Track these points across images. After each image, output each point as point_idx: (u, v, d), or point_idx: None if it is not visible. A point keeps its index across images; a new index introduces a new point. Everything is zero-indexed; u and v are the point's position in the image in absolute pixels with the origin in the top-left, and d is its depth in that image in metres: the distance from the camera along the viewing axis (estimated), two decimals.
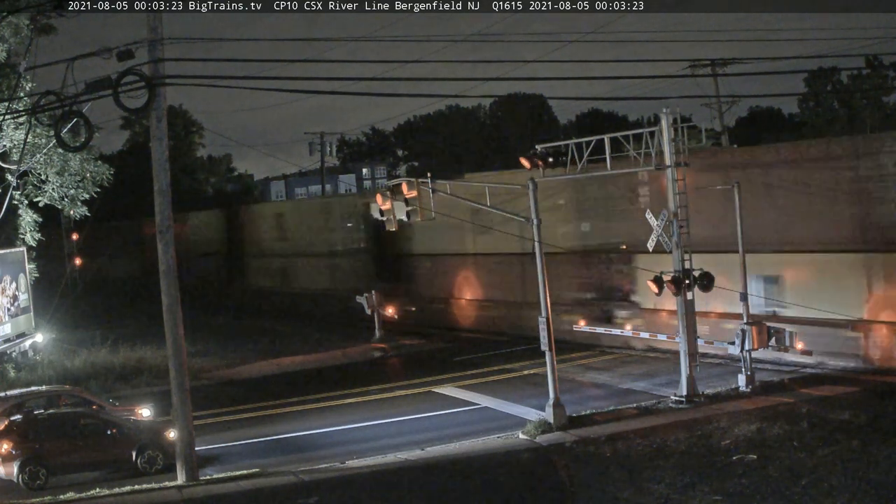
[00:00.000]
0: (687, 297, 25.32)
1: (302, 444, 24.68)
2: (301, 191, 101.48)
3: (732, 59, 48.71)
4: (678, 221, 25.28)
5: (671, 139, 25.35)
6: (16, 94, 31.61)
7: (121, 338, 39.79)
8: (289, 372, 36.00)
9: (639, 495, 18.11)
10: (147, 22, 20.62)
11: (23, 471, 21.85)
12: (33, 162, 34.26)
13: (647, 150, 25.79)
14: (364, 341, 41.10)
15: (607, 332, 33.81)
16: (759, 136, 64.16)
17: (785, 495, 17.36)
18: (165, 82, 20.87)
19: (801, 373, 27.75)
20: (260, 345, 42.23)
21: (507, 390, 29.12)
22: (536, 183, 24.95)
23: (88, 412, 24.02)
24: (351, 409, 28.35)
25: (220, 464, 23.16)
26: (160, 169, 21.27)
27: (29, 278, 37.72)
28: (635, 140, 26.73)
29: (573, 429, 23.29)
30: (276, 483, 20.51)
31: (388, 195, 26.88)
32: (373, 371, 35.32)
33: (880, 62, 67.46)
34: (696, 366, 25.62)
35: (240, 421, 28.05)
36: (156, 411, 26.20)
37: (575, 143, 26.81)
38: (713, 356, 29.67)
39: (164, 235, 21.30)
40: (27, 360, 36.36)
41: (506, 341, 37.96)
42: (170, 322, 21.38)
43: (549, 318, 24.13)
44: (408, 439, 24.00)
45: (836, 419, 22.16)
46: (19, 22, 32.82)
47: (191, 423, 21.50)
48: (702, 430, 22.23)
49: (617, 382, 29.43)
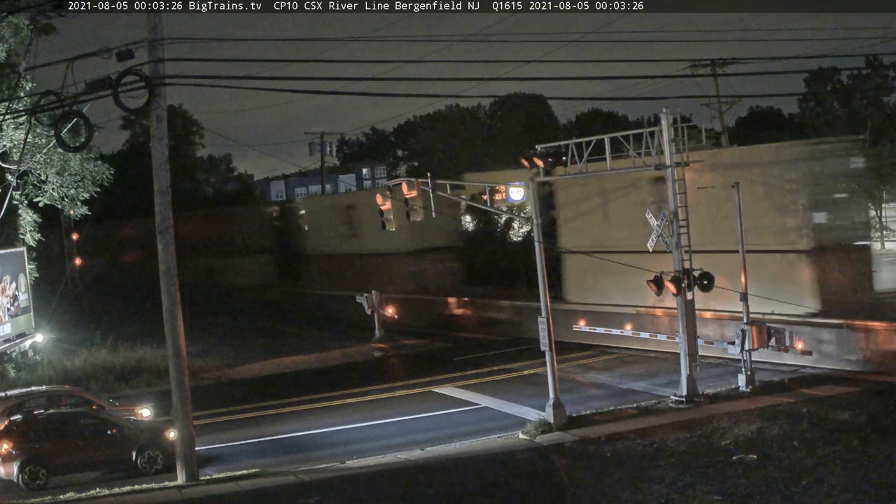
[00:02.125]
0: (687, 297, 25.32)
1: (302, 444, 24.68)
2: (301, 191, 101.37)
3: (732, 59, 48.65)
4: (678, 221, 25.29)
5: (671, 139, 25.36)
6: (16, 94, 31.59)
7: (121, 338, 39.79)
8: (289, 372, 36.00)
9: (639, 495, 18.11)
10: (147, 22, 20.63)
11: (23, 471, 21.87)
12: (33, 162, 34.21)
13: (648, 150, 25.80)
14: (364, 341, 41.11)
15: (607, 332, 33.75)
16: (759, 136, 64.08)
17: (785, 495, 17.36)
18: (165, 82, 20.87)
19: (800, 373, 27.75)
20: (260, 345, 42.26)
21: (507, 390, 29.12)
22: (536, 183, 24.96)
23: (88, 412, 24.02)
24: (351, 409, 28.35)
25: (220, 464, 23.16)
26: (160, 169, 21.27)
27: (29, 278, 37.67)
28: (635, 140, 26.74)
29: (573, 429, 23.30)
30: (276, 483, 20.52)
31: (388, 195, 26.90)
32: (373, 371, 35.32)
33: (880, 62, 67.38)
34: (696, 366, 25.62)
35: (240, 421, 28.05)
36: (156, 411, 26.20)
37: (575, 143, 26.82)
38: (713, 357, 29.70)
39: (163, 235, 21.30)
40: (27, 360, 36.31)
41: (506, 341, 37.96)
42: (170, 322, 21.38)
43: (549, 318, 24.13)
44: (408, 439, 24.00)
45: (836, 419, 22.18)
46: (19, 22, 32.79)
47: (191, 423, 21.50)
48: (702, 430, 22.24)
49: (617, 382, 29.43)
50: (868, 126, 52.58)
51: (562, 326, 30.69)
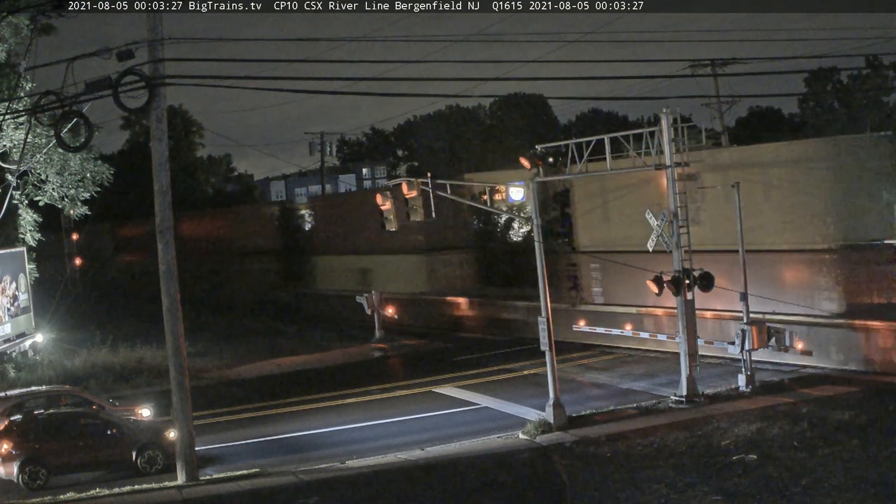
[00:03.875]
0: (687, 297, 25.32)
1: (302, 444, 24.68)
2: (301, 191, 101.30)
3: (732, 59, 48.66)
4: (678, 221, 25.30)
5: (671, 139, 25.36)
6: (16, 94, 31.61)
7: (121, 338, 39.79)
8: (289, 372, 36.00)
9: (639, 495, 18.12)
10: (147, 22, 20.63)
11: (23, 471, 21.87)
12: (33, 162, 34.24)
13: (648, 150, 25.79)
14: (364, 341, 41.11)
15: (607, 332, 33.74)
16: (759, 136, 64.10)
17: (785, 495, 17.36)
18: (165, 82, 20.88)
19: (800, 373, 27.76)
20: (260, 344, 42.27)
21: (507, 390, 29.12)
22: (537, 183, 24.96)
23: (88, 412, 24.03)
24: (351, 409, 28.35)
25: (220, 464, 23.16)
26: (160, 169, 21.27)
27: (29, 278, 37.68)
28: (635, 140, 26.74)
29: (573, 429, 23.30)
30: (276, 483, 20.52)
31: (388, 195, 26.89)
32: (373, 371, 35.32)
33: (880, 62, 67.41)
34: (696, 366, 25.62)
35: (240, 421, 28.05)
36: (156, 411, 26.20)
37: (575, 143, 26.83)
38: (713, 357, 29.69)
39: (163, 235, 21.30)
40: (27, 360, 36.33)
41: (506, 341, 37.97)
42: (170, 322, 21.38)
43: (549, 318, 24.13)
44: (408, 439, 24.00)
45: (836, 419, 22.18)
46: (19, 22, 32.83)
47: (191, 423, 21.50)
48: (702, 430, 22.24)
49: (617, 382, 29.43)
50: (868, 126, 52.53)
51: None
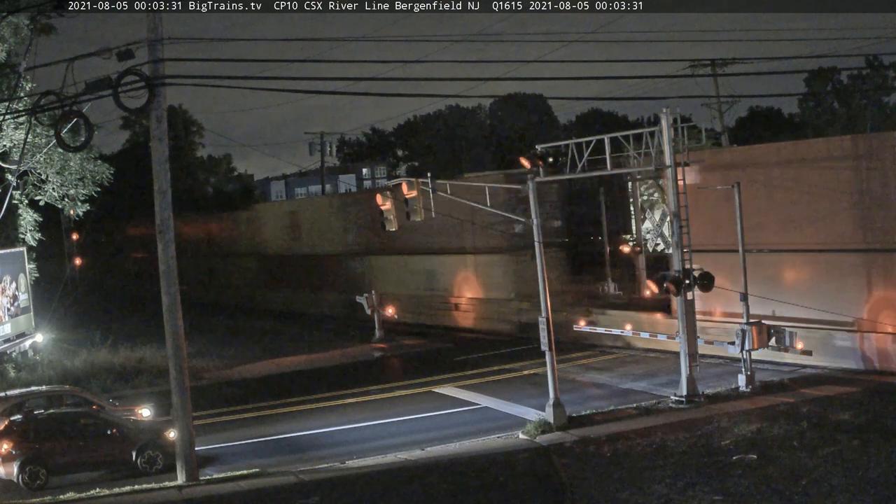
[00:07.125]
0: (687, 297, 25.32)
1: (302, 444, 24.67)
2: (301, 191, 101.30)
3: (732, 59, 48.76)
4: (678, 221, 25.30)
5: (671, 139, 25.36)
6: (16, 94, 31.63)
7: (121, 338, 39.77)
8: (289, 372, 36.00)
9: (639, 495, 18.10)
10: (147, 22, 20.62)
11: (23, 471, 21.86)
12: (33, 162, 34.26)
13: (647, 150, 25.79)
14: (364, 341, 41.11)
15: (607, 331, 33.75)
16: (760, 136, 64.16)
17: (785, 495, 17.35)
18: (165, 82, 20.86)
19: (800, 373, 27.76)
20: (260, 344, 42.28)
21: (507, 390, 29.12)
22: (536, 183, 24.96)
23: (88, 412, 24.01)
24: (351, 409, 28.35)
25: (220, 464, 23.15)
26: (160, 169, 21.26)
27: (29, 278, 37.70)
28: (635, 140, 26.76)
29: (573, 429, 23.29)
30: (276, 483, 20.52)
31: (388, 195, 26.89)
32: (373, 371, 35.32)
33: (880, 62, 67.51)
34: (696, 366, 25.62)
35: (240, 421, 28.05)
36: (156, 411, 26.18)
37: (575, 143, 26.83)
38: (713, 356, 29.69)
39: (163, 235, 21.29)
40: (27, 360, 36.34)
41: (506, 341, 37.96)
42: (170, 322, 21.38)
43: (549, 317, 24.12)
44: (408, 439, 24.00)
45: (836, 419, 22.17)
46: (19, 22, 32.84)
47: (191, 423, 21.50)
48: (702, 430, 22.23)
49: (617, 382, 29.43)
50: (868, 126, 52.60)
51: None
